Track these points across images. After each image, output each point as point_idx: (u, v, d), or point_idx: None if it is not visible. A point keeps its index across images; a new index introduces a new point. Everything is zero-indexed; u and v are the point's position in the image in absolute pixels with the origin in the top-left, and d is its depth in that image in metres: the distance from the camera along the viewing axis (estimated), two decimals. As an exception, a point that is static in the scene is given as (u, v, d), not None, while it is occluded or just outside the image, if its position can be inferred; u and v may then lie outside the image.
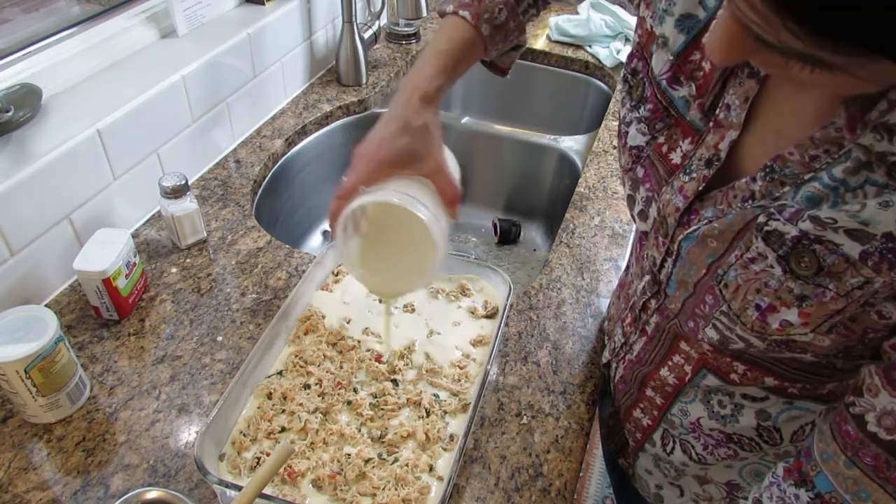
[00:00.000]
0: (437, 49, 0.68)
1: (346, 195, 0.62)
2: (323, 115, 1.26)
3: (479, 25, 0.69)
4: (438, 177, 0.65)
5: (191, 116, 1.02)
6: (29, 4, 0.93)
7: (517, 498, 0.67)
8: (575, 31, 1.56)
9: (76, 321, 0.82)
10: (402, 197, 0.60)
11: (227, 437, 0.67)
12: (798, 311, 0.46)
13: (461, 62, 0.69)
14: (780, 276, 0.46)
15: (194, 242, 0.94)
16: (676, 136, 0.56)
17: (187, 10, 1.06)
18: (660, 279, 0.61)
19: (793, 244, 0.45)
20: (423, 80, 0.66)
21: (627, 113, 0.61)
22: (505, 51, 0.75)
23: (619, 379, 0.77)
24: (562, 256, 0.97)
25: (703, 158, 0.53)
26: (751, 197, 0.49)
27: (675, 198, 0.55)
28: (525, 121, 1.60)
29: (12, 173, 0.76)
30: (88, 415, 0.72)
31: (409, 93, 0.65)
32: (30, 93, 0.83)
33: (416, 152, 0.63)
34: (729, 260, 0.50)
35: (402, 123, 0.63)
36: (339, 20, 1.35)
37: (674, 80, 0.54)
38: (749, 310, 0.49)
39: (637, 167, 0.60)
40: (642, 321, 0.69)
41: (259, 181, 1.11)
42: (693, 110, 0.54)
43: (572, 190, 1.12)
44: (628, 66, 0.60)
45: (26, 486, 0.65)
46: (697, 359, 0.63)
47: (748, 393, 0.62)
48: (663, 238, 0.58)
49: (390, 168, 0.63)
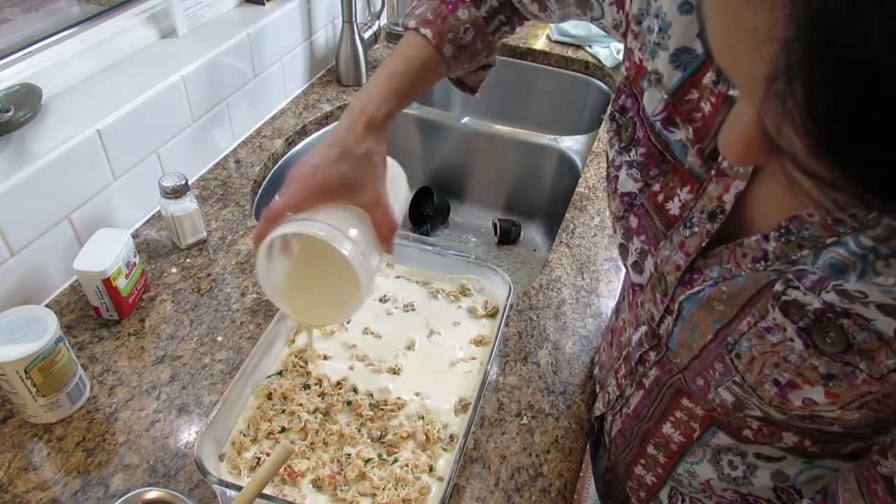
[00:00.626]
0: (392, 70, 0.63)
1: (273, 218, 0.58)
2: (323, 115, 1.26)
3: (440, 46, 0.64)
4: (375, 209, 0.61)
5: (191, 116, 1.02)
6: (29, 4, 0.93)
7: (517, 498, 0.67)
8: (575, 31, 1.56)
9: (76, 321, 0.82)
10: (327, 230, 0.57)
11: (227, 437, 0.67)
12: (824, 391, 0.41)
13: (418, 84, 0.64)
14: (802, 351, 0.41)
15: (194, 242, 0.94)
16: (674, 184, 0.50)
17: (187, 10, 1.06)
18: (659, 333, 0.56)
19: (816, 317, 0.39)
20: (371, 104, 0.61)
21: (616, 155, 0.55)
22: (472, 70, 0.71)
23: (617, 433, 0.71)
24: (562, 256, 0.97)
25: (705, 211, 0.47)
26: (763, 258, 0.43)
27: (675, 254, 0.50)
28: (525, 121, 1.60)
29: (12, 173, 0.76)
30: (88, 415, 0.72)
31: (354, 117, 0.61)
32: (30, 93, 0.83)
33: (354, 182, 0.59)
34: (740, 327, 0.45)
35: (341, 150, 0.59)
36: (339, 20, 1.35)
37: (669, 122, 0.49)
38: (766, 384, 0.44)
39: (630, 216, 0.55)
40: (639, 373, 0.62)
41: (259, 181, 1.11)
42: (692, 156, 0.48)
43: (572, 190, 1.12)
44: (615, 103, 0.55)
45: (26, 486, 0.65)
46: (703, 416, 0.57)
47: (762, 452, 0.55)
48: (661, 296, 0.53)
49: (323, 196, 0.59)
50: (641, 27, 0.50)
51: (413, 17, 0.66)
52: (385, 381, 0.74)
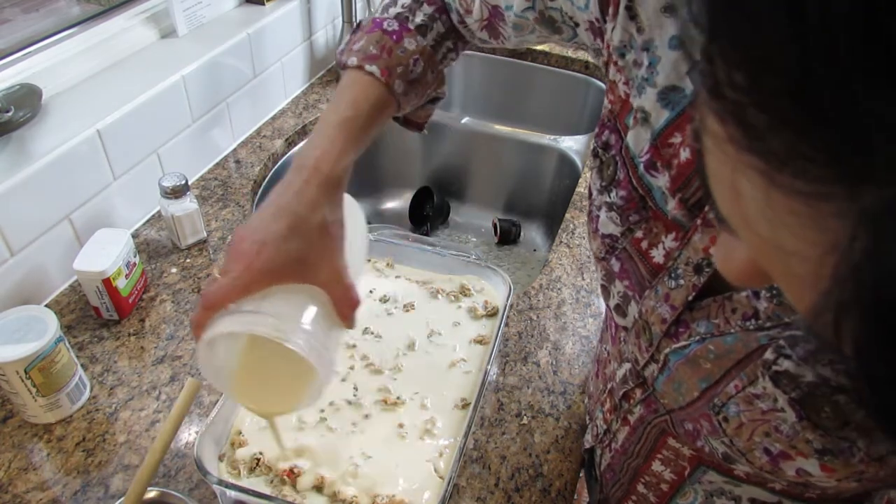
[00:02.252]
0: (343, 117, 0.54)
1: (212, 307, 0.48)
2: (323, 115, 1.26)
3: (390, 82, 0.55)
4: (334, 288, 0.52)
5: (191, 116, 1.02)
6: (29, 4, 0.93)
7: (517, 498, 0.67)
8: (575, 31, 1.56)
9: (76, 321, 0.82)
10: (274, 326, 0.48)
11: (226, 437, 0.67)
12: (819, 464, 0.38)
13: (369, 128, 0.55)
14: (795, 423, 0.38)
15: (194, 242, 0.94)
16: (657, 231, 0.46)
17: (187, 10, 1.06)
18: (644, 376, 0.53)
19: (809, 389, 0.37)
20: (325, 159, 0.51)
21: (598, 195, 0.51)
22: (420, 105, 0.63)
23: (607, 467, 0.67)
24: (562, 256, 0.97)
25: (690, 263, 0.44)
26: (754, 316, 0.40)
27: (660, 306, 0.47)
28: (525, 121, 1.60)
29: (12, 173, 0.76)
30: (88, 415, 0.72)
31: (306, 175, 0.50)
32: (30, 93, 0.83)
33: (307, 260, 0.50)
34: (728, 390, 0.42)
35: (291, 221, 0.49)
36: (339, 20, 1.35)
37: (651, 166, 0.45)
38: (756, 451, 0.42)
39: (612, 259, 0.51)
40: (624, 409, 0.59)
41: (259, 181, 1.11)
42: (673, 207, 0.44)
43: (572, 190, 1.12)
44: (598, 139, 0.51)
45: (26, 486, 0.65)
46: (691, 457, 0.54)
47: (757, 497, 0.52)
48: (646, 345, 0.50)
49: (271, 279, 0.49)
50: (626, 61, 0.46)
51: (352, 53, 0.57)
52: (385, 381, 0.74)
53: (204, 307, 0.49)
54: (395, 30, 0.58)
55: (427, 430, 0.69)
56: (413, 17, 0.59)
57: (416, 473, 0.65)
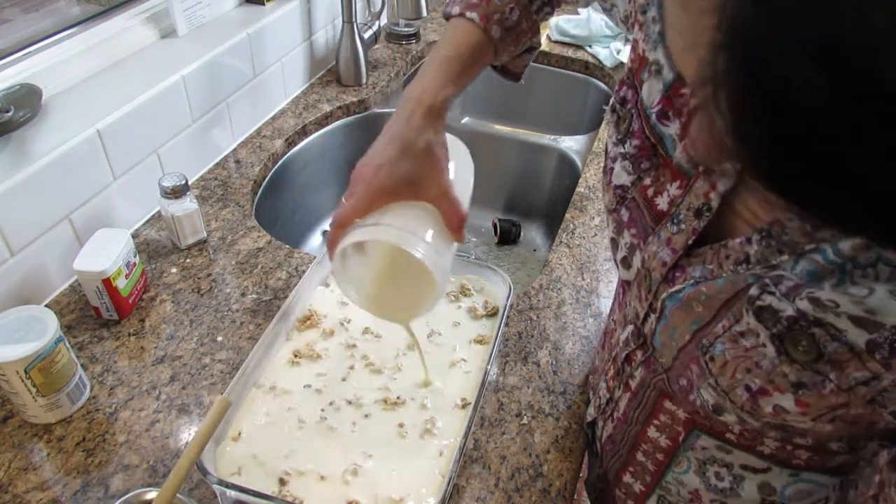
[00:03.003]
0: (444, 56, 0.62)
1: (342, 224, 0.58)
2: (323, 115, 1.26)
3: (488, 28, 0.62)
4: (442, 202, 0.59)
5: (191, 116, 1.02)
6: (29, 4, 0.93)
7: (517, 498, 0.67)
8: (575, 32, 1.56)
9: (76, 321, 0.82)
10: (397, 234, 0.56)
11: (226, 437, 0.67)
12: (794, 399, 0.41)
13: (470, 69, 0.63)
14: (774, 358, 0.41)
15: (194, 242, 0.94)
16: (664, 179, 0.50)
17: (187, 10, 1.06)
18: (644, 332, 0.56)
19: (789, 324, 0.39)
20: (428, 91, 0.59)
21: (613, 147, 0.55)
22: (517, 53, 0.69)
23: (608, 439, 0.70)
24: (562, 256, 0.97)
25: (691, 208, 0.47)
26: (745, 261, 0.43)
27: (661, 250, 0.50)
28: (525, 121, 1.60)
29: (12, 173, 0.76)
30: (88, 415, 0.72)
31: (412, 106, 0.59)
32: (30, 93, 0.83)
33: (417, 178, 0.58)
34: (715, 330, 0.45)
35: (402, 146, 0.57)
36: (339, 20, 1.35)
37: (663, 115, 0.48)
38: (738, 389, 0.44)
39: (622, 209, 0.55)
40: (626, 374, 0.62)
41: (259, 181, 1.11)
42: (680, 152, 0.48)
43: (572, 190, 1.12)
44: (617, 95, 0.55)
45: (26, 486, 0.65)
46: (685, 420, 0.57)
47: (748, 464, 0.55)
48: (646, 292, 0.53)
49: (388, 197, 0.58)
50: (646, 17, 0.49)
51: (455, 3, 0.64)
52: (385, 380, 0.74)
53: (335, 226, 0.58)
54: None
55: (427, 429, 0.69)
56: None
57: (416, 473, 0.65)
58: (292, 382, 0.73)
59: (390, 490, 0.63)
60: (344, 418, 0.70)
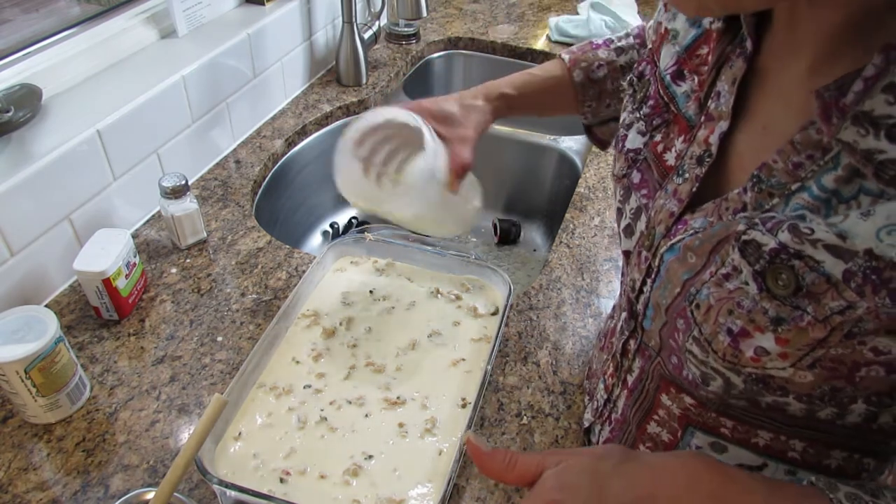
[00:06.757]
0: (526, 71, 0.77)
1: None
2: (323, 115, 1.26)
3: (572, 69, 0.75)
4: (457, 144, 0.71)
5: (191, 116, 1.02)
6: (29, 4, 0.93)
7: (517, 498, 0.67)
8: (575, 32, 1.56)
9: (76, 321, 0.82)
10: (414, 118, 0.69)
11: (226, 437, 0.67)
12: (774, 337, 0.42)
13: (542, 93, 0.76)
14: (755, 295, 0.42)
15: (194, 243, 0.94)
16: (672, 135, 0.53)
17: (187, 10, 1.06)
18: (636, 310, 0.57)
19: (770, 258, 0.41)
20: (495, 84, 0.76)
21: (628, 115, 0.59)
22: (603, 119, 0.78)
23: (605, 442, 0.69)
24: (562, 256, 0.97)
25: (694, 156, 0.49)
26: (742, 209, 0.45)
27: (668, 202, 0.52)
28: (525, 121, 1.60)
29: (12, 173, 0.76)
30: (88, 415, 0.72)
31: (478, 87, 0.76)
32: (30, 93, 0.83)
33: (453, 118, 0.72)
34: (703, 277, 0.46)
35: (458, 97, 0.75)
36: (339, 20, 1.35)
37: (678, 76, 0.53)
38: (720, 334, 0.45)
39: (633, 172, 0.57)
40: (624, 369, 0.63)
41: (259, 181, 1.11)
42: (690, 103, 0.51)
43: (572, 190, 1.12)
44: (635, 71, 0.59)
45: (26, 486, 0.65)
46: (680, 416, 0.57)
47: (744, 461, 0.55)
48: (647, 252, 0.54)
49: (426, 116, 0.71)
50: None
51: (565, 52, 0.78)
52: (386, 380, 0.74)
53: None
54: (599, 43, 0.78)
55: (427, 429, 0.69)
56: (617, 41, 0.77)
57: (417, 473, 0.65)
58: (292, 382, 0.73)
59: (390, 490, 0.63)
60: (344, 418, 0.70)
